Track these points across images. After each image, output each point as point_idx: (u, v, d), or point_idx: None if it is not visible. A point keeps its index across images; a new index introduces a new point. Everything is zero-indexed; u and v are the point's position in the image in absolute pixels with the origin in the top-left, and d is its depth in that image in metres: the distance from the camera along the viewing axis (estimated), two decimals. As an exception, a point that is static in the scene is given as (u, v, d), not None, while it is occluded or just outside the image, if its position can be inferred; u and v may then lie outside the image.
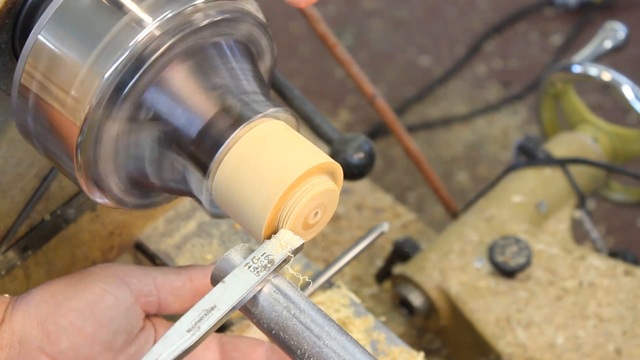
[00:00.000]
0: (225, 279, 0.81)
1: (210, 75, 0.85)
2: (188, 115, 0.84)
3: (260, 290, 0.82)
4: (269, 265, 0.82)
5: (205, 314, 0.79)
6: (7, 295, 0.93)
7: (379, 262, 1.69)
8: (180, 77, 0.84)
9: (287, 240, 0.83)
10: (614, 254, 1.65)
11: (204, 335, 0.78)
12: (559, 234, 1.60)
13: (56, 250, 1.14)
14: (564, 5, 2.66)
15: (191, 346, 0.79)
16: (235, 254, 0.83)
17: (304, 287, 1.08)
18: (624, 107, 1.70)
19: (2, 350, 0.90)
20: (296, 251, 0.83)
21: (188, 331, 0.78)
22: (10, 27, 0.88)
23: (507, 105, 2.51)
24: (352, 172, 1.23)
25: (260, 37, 0.90)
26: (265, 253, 0.82)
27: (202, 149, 0.84)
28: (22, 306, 0.92)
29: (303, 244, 0.84)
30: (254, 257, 0.82)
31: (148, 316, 0.96)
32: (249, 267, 0.81)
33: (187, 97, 0.84)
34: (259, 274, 0.81)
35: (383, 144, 2.38)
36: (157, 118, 0.84)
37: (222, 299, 0.80)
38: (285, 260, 0.83)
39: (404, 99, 2.52)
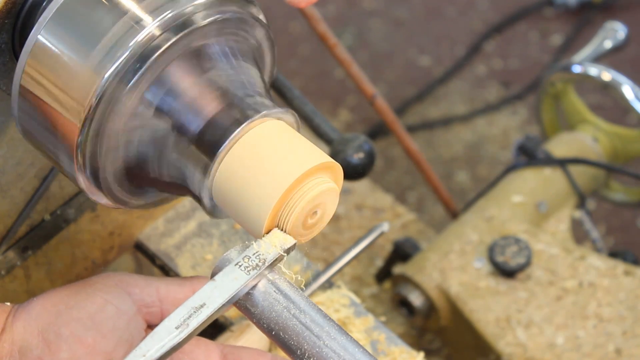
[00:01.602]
0: (216, 277, 0.81)
1: (211, 75, 0.85)
2: (188, 115, 0.84)
3: (260, 290, 0.82)
4: (260, 264, 0.82)
5: (195, 312, 0.79)
6: (8, 303, 0.93)
7: (379, 262, 1.69)
8: (180, 77, 0.84)
9: (278, 240, 0.83)
10: (614, 254, 1.65)
11: (192, 332, 0.78)
12: (559, 234, 1.60)
13: (56, 250, 1.14)
14: (564, 5, 2.66)
15: (179, 343, 0.79)
16: (234, 254, 0.83)
17: (301, 286, 1.08)
18: (624, 107, 1.70)
19: (2, 359, 0.89)
20: (288, 250, 0.83)
21: (176, 328, 0.78)
22: (10, 27, 0.88)
23: (507, 105, 2.51)
24: (352, 172, 1.23)
25: (260, 37, 0.90)
26: (256, 252, 0.82)
27: (202, 148, 0.84)
28: (23, 315, 0.91)
29: (295, 243, 0.84)
30: (245, 256, 0.82)
31: (150, 326, 0.95)
32: (240, 265, 0.82)
33: (187, 97, 0.84)
34: (249, 273, 0.81)
35: (383, 144, 2.38)
36: (157, 118, 0.84)
37: (212, 297, 0.80)
38: (278, 259, 0.83)
39: (404, 99, 2.52)
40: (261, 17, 0.90)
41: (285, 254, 0.83)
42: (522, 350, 1.41)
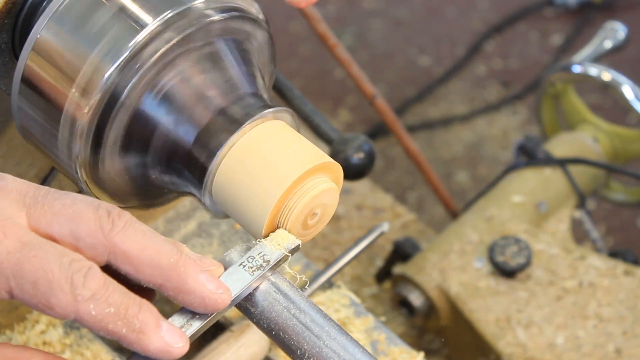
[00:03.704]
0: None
1: (211, 75, 0.85)
2: (188, 116, 0.84)
3: (260, 289, 0.82)
4: (264, 264, 0.82)
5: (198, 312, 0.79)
6: None
7: (379, 262, 1.69)
8: (179, 78, 0.84)
9: (283, 240, 0.83)
10: (614, 254, 1.65)
11: (195, 332, 0.78)
12: (559, 234, 1.60)
13: (56, 250, 1.13)
14: (564, 5, 2.66)
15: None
16: (234, 254, 0.83)
17: (301, 287, 1.08)
18: (624, 107, 1.70)
19: None
20: (293, 251, 0.83)
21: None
22: (10, 27, 0.88)
23: (507, 105, 2.51)
24: (352, 172, 1.23)
25: (260, 37, 0.90)
26: (261, 252, 0.82)
27: (203, 149, 0.84)
28: None
29: (300, 244, 0.84)
30: (250, 256, 0.82)
31: None
32: (244, 266, 0.81)
33: (186, 97, 0.84)
34: (253, 273, 0.81)
35: (383, 144, 2.38)
36: (156, 119, 0.84)
37: None
38: (282, 260, 0.83)
39: (404, 99, 2.52)
40: (261, 17, 0.90)
41: (290, 255, 0.83)
42: (522, 350, 1.41)
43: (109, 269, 0.76)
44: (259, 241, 0.83)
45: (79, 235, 0.74)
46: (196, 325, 0.78)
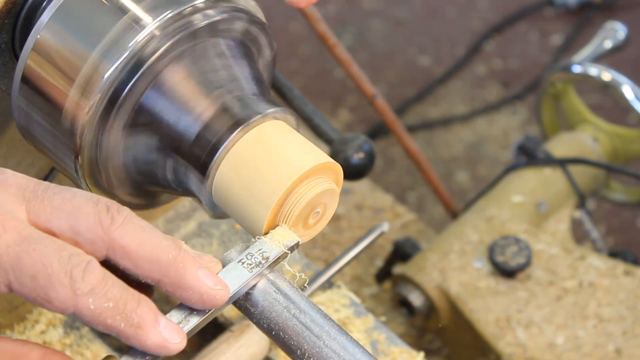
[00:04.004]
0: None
1: (210, 76, 0.85)
2: (188, 116, 0.84)
3: (260, 289, 0.82)
4: (263, 261, 0.82)
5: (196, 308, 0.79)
6: None
7: (379, 262, 1.69)
8: (180, 78, 0.84)
9: (282, 237, 0.83)
10: (614, 254, 1.65)
11: (193, 328, 0.78)
12: (559, 234, 1.60)
13: (56, 250, 1.13)
14: (564, 5, 2.66)
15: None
16: (234, 254, 0.83)
17: (301, 286, 1.08)
18: (624, 107, 1.70)
19: None
20: (292, 248, 0.83)
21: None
22: (10, 27, 0.88)
23: (507, 105, 2.51)
24: (352, 172, 1.23)
25: (260, 37, 0.90)
26: (260, 249, 0.82)
27: (202, 149, 0.84)
28: None
29: (299, 241, 0.84)
30: (248, 253, 0.82)
31: None
32: (243, 263, 0.81)
33: (186, 97, 0.84)
34: (252, 270, 0.81)
35: (383, 144, 2.38)
36: (156, 119, 0.84)
37: None
38: (281, 257, 0.83)
39: (404, 99, 2.52)
40: (260, 16, 0.90)
41: (289, 252, 0.83)
42: (522, 350, 1.41)
43: (107, 264, 0.76)
44: (258, 238, 0.83)
45: (78, 229, 0.74)
46: (194, 321, 0.78)
